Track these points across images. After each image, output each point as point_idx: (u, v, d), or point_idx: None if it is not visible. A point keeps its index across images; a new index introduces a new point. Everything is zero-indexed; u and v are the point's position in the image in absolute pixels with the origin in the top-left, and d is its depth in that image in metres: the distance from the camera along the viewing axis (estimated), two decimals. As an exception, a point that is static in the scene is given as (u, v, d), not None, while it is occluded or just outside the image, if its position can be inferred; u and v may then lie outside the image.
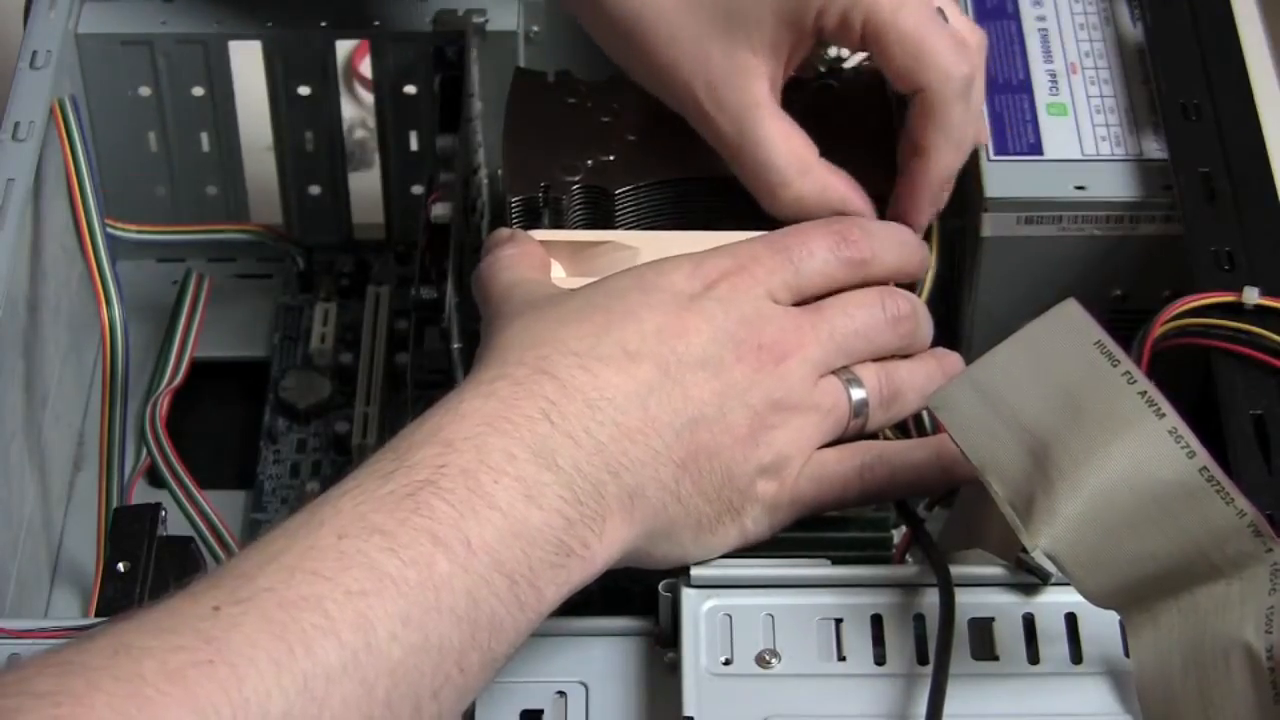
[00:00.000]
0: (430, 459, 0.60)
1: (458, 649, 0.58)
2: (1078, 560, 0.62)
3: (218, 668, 0.54)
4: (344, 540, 0.57)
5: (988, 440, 0.63)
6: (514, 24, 0.91)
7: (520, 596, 0.60)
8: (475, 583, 0.58)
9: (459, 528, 0.58)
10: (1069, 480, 0.62)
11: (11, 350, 0.79)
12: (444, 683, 0.58)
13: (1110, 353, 0.63)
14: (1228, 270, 0.74)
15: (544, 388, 0.62)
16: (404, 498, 0.59)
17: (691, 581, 0.66)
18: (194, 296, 0.93)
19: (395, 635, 0.56)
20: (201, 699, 0.53)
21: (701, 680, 0.63)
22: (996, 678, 0.64)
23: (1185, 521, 0.61)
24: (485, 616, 0.59)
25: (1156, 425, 0.62)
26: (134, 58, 0.91)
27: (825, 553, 0.68)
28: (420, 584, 0.57)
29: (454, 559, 0.58)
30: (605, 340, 0.64)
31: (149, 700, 0.53)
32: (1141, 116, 0.82)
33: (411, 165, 0.95)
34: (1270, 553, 0.61)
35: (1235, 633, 0.61)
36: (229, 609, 0.55)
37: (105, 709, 0.52)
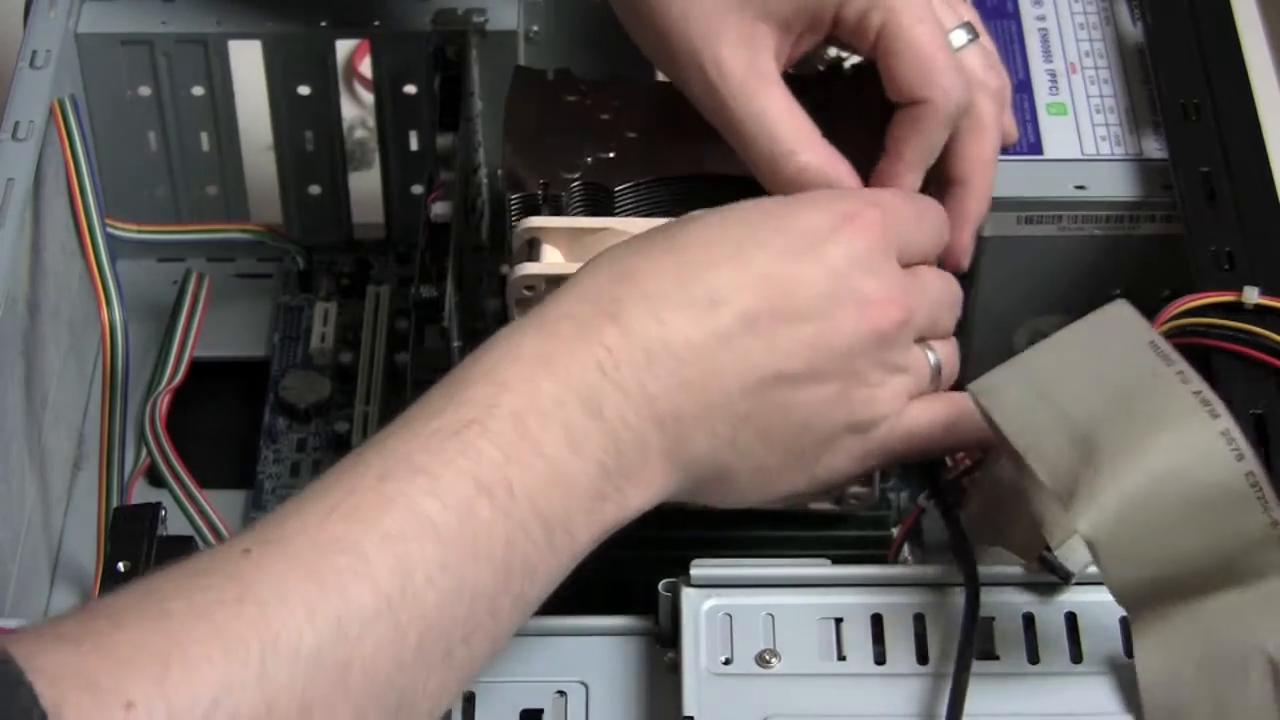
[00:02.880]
0: (481, 398, 0.59)
1: (491, 594, 0.58)
2: (1113, 549, 0.62)
3: (246, 605, 0.53)
4: (386, 482, 0.57)
5: (1032, 426, 0.63)
6: (514, 23, 0.91)
7: (555, 543, 0.59)
8: (513, 529, 0.58)
9: (503, 473, 0.58)
10: (1114, 470, 0.62)
11: (11, 350, 0.79)
12: (476, 628, 0.58)
13: (1165, 353, 0.63)
14: (1228, 270, 0.74)
15: (605, 334, 0.61)
16: (450, 436, 0.58)
17: (691, 581, 0.66)
18: (194, 296, 0.93)
19: (432, 580, 0.56)
20: (229, 634, 0.53)
21: (701, 680, 0.63)
22: (996, 677, 0.64)
23: (1222, 525, 0.61)
24: (520, 562, 0.58)
25: (1210, 425, 0.62)
26: (134, 57, 0.91)
27: (825, 552, 0.68)
28: (460, 530, 0.57)
29: (495, 505, 0.58)
30: (691, 283, 0.62)
31: (174, 636, 0.52)
32: (1141, 116, 0.82)
33: (411, 165, 0.95)
34: None
35: (1254, 642, 0.61)
36: (260, 550, 0.55)
37: (127, 646, 0.52)
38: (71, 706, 0.50)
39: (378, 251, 0.98)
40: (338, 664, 0.54)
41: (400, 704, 0.56)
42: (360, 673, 0.55)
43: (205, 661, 0.52)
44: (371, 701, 0.55)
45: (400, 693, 0.56)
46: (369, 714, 0.55)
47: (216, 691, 0.52)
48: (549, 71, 0.78)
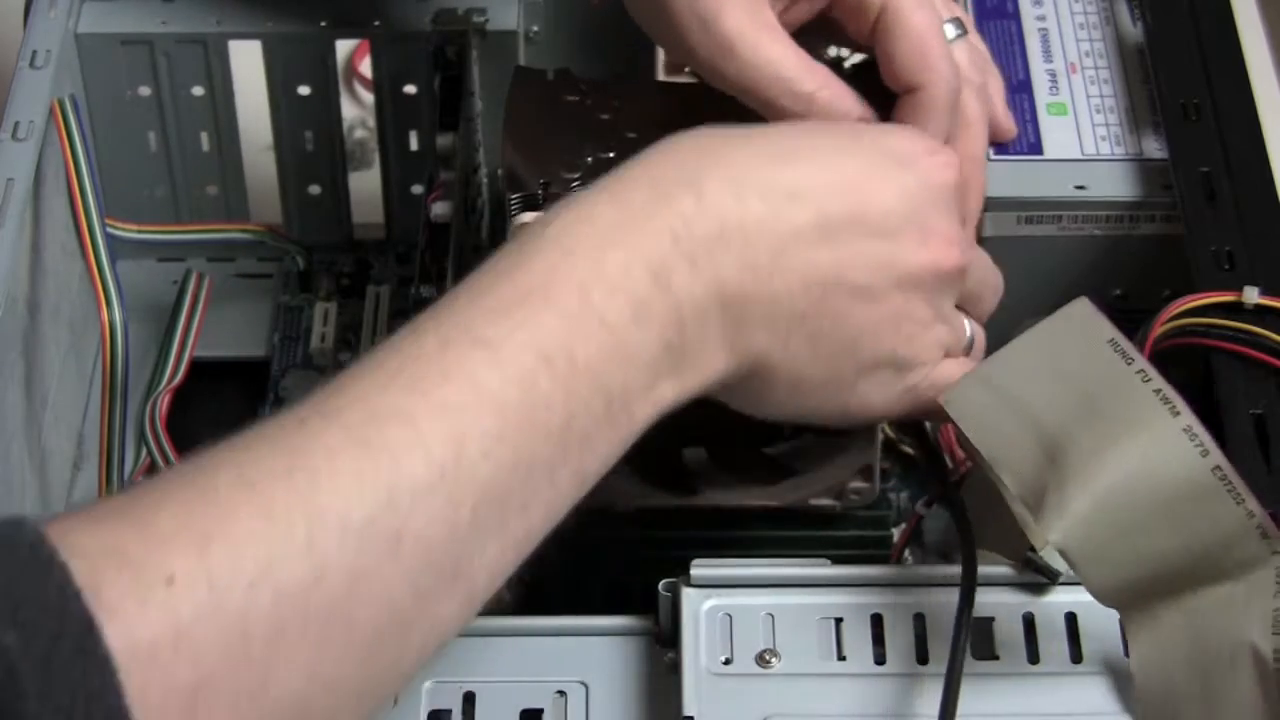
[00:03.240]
0: (547, 265, 0.58)
1: (549, 465, 0.57)
2: (1087, 555, 0.62)
3: (295, 475, 0.53)
4: (446, 351, 0.56)
5: (999, 435, 0.63)
6: (514, 23, 0.91)
7: (614, 417, 0.59)
8: (573, 402, 0.57)
9: (565, 344, 0.57)
10: (1081, 475, 0.62)
11: (11, 350, 0.79)
12: (533, 497, 0.57)
13: (1124, 351, 0.63)
14: (1228, 270, 0.74)
15: (681, 203, 0.60)
16: (513, 305, 0.57)
17: (691, 581, 0.66)
18: (194, 296, 0.93)
19: (487, 453, 0.55)
20: (275, 505, 0.52)
21: (701, 680, 0.63)
22: (996, 677, 0.64)
23: (1195, 521, 0.61)
24: (578, 435, 0.58)
25: (1171, 423, 0.62)
26: (134, 57, 0.91)
27: (825, 552, 0.68)
28: (519, 402, 0.56)
29: (556, 377, 0.57)
30: (774, 172, 0.62)
31: (217, 510, 0.52)
32: (1141, 116, 0.82)
33: (411, 165, 0.95)
34: (1276, 555, 0.61)
35: (1241, 635, 0.61)
36: (314, 421, 0.54)
37: (170, 524, 0.51)
38: (110, 585, 0.49)
39: (378, 251, 0.98)
40: (389, 534, 0.53)
41: (457, 572, 0.55)
42: (412, 542, 0.54)
43: (249, 535, 0.51)
44: (426, 570, 0.54)
45: (456, 561, 0.55)
46: (423, 582, 0.54)
47: (261, 564, 0.51)
48: (549, 71, 0.78)
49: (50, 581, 0.49)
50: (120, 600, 0.49)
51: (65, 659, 0.48)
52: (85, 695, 0.48)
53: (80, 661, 0.48)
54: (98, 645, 0.48)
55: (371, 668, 0.54)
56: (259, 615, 0.51)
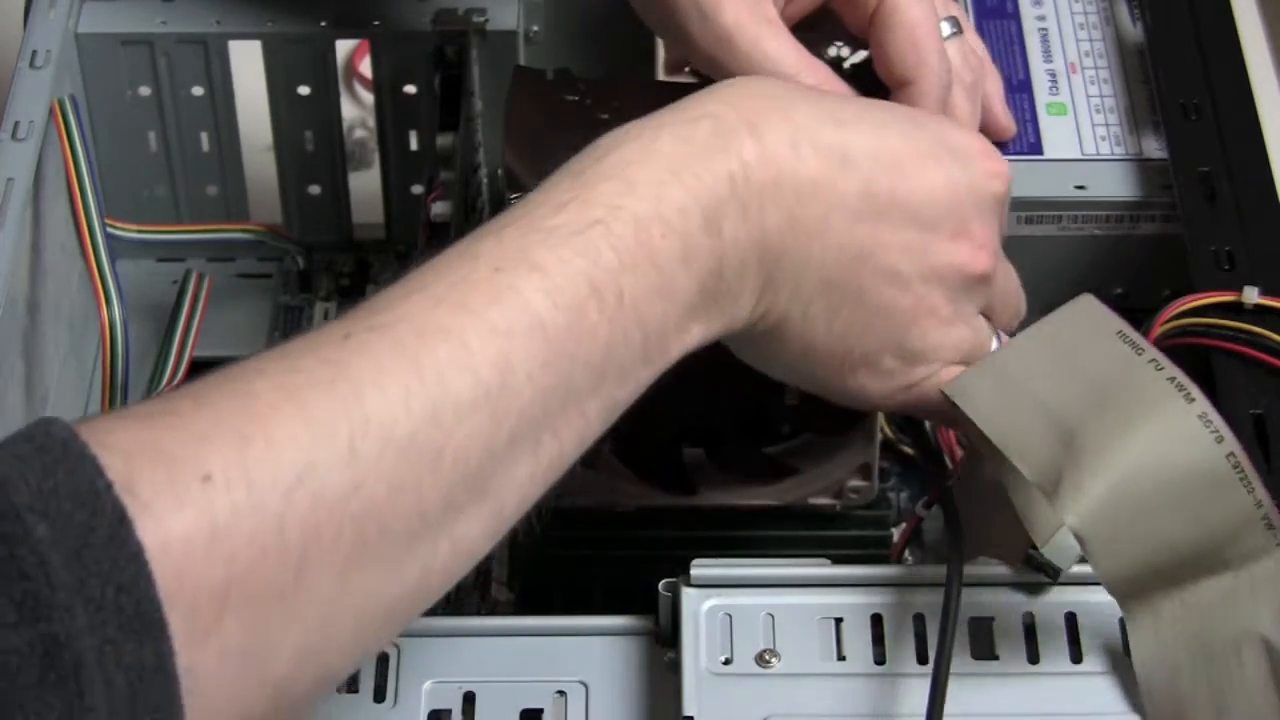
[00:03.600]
0: (608, 196, 0.59)
1: (584, 394, 0.58)
2: (1101, 540, 0.62)
3: (338, 386, 0.53)
4: (499, 274, 0.56)
5: (1010, 422, 0.63)
6: (514, 23, 0.91)
7: (649, 352, 0.59)
8: (616, 335, 0.58)
9: (617, 279, 0.58)
10: (1096, 460, 0.62)
11: (11, 350, 0.79)
12: (566, 424, 0.57)
13: (1134, 341, 0.63)
14: (1228, 270, 0.74)
15: (743, 146, 0.61)
16: (571, 234, 0.58)
17: (691, 581, 0.66)
18: (194, 296, 0.93)
19: (531, 376, 0.56)
20: (317, 414, 0.52)
21: (701, 680, 0.63)
22: (996, 677, 0.64)
23: (1206, 510, 0.61)
24: (615, 367, 0.58)
25: (1186, 409, 0.62)
26: (134, 57, 0.91)
27: (825, 552, 0.68)
28: (567, 330, 0.56)
29: (604, 309, 0.57)
30: (835, 133, 0.62)
31: (258, 413, 0.52)
32: (1141, 116, 0.82)
33: (411, 165, 0.95)
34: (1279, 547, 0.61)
35: (1249, 626, 0.61)
36: (361, 335, 0.54)
37: (208, 423, 0.51)
38: (145, 480, 0.49)
39: (378, 251, 0.98)
40: (431, 449, 0.54)
41: (489, 490, 0.56)
42: (452, 459, 0.54)
43: (290, 439, 0.51)
44: (461, 486, 0.55)
45: (490, 479, 0.56)
46: (458, 498, 0.55)
47: (300, 468, 0.51)
48: (549, 71, 0.78)
49: (82, 474, 0.48)
50: (155, 495, 0.49)
51: (97, 550, 0.48)
52: (116, 586, 0.48)
53: (111, 553, 0.48)
54: (130, 537, 0.48)
55: (400, 578, 0.54)
56: (295, 518, 0.51)
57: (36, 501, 0.48)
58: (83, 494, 0.48)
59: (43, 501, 0.48)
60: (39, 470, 0.48)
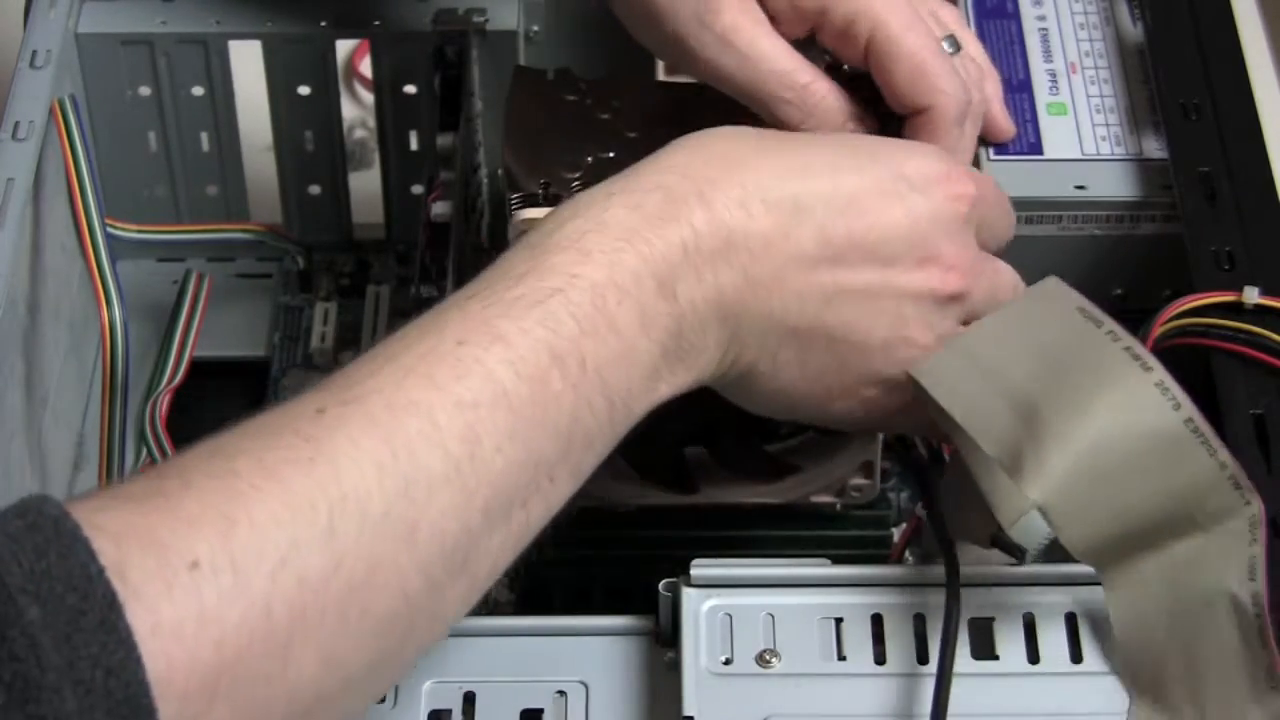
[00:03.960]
0: (565, 265, 0.59)
1: (552, 463, 0.58)
2: (1067, 512, 0.62)
3: (317, 465, 0.54)
4: (463, 346, 0.57)
5: (974, 403, 0.64)
6: (514, 23, 0.91)
7: (615, 416, 0.60)
8: (580, 403, 0.59)
9: (578, 345, 0.58)
10: (1057, 433, 0.62)
11: (11, 350, 0.79)
12: (535, 493, 0.58)
13: (1093, 316, 0.64)
14: (1228, 270, 0.74)
15: (693, 214, 0.61)
16: (532, 305, 0.58)
17: (691, 581, 0.66)
18: (194, 296, 0.93)
19: (500, 448, 0.57)
20: (297, 494, 0.53)
21: (701, 680, 0.63)
22: (996, 677, 0.64)
23: (1170, 474, 0.62)
24: (581, 433, 0.59)
25: (1143, 377, 0.62)
26: (134, 57, 0.91)
27: (825, 552, 0.68)
28: (531, 400, 0.57)
29: (567, 377, 0.58)
30: (785, 184, 0.63)
31: (240, 494, 0.52)
32: (1141, 116, 0.82)
33: (411, 165, 0.95)
34: (1249, 505, 0.61)
35: (1218, 584, 0.61)
36: (335, 409, 0.55)
37: (194, 504, 0.52)
38: (135, 566, 0.50)
39: (378, 251, 0.98)
40: (405, 525, 0.54)
41: (465, 562, 0.57)
42: (427, 533, 0.55)
43: (273, 521, 0.52)
44: (438, 560, 0.56)
45: (466, 552, 0.56)
46: (435, 572, 0.56)
47: (284, 550, 0.52)
48: (549, 71, 0.78)
49: (74, 558, 0.49)
50: (145, 582, 0.50)
51: (87, 634, 0.48)
52: (106, 670, 0.48)
53: (101, 637, 0.48)
54: (120, 622, 0.49)
55: (382, 653, 0.55)
56: (281, 600, 0.52)
57: (29, 583, 0.48)
58: (75, 577, 0.49)
59: (34, 583, 0.48)
60: (31, 551, 0.49)
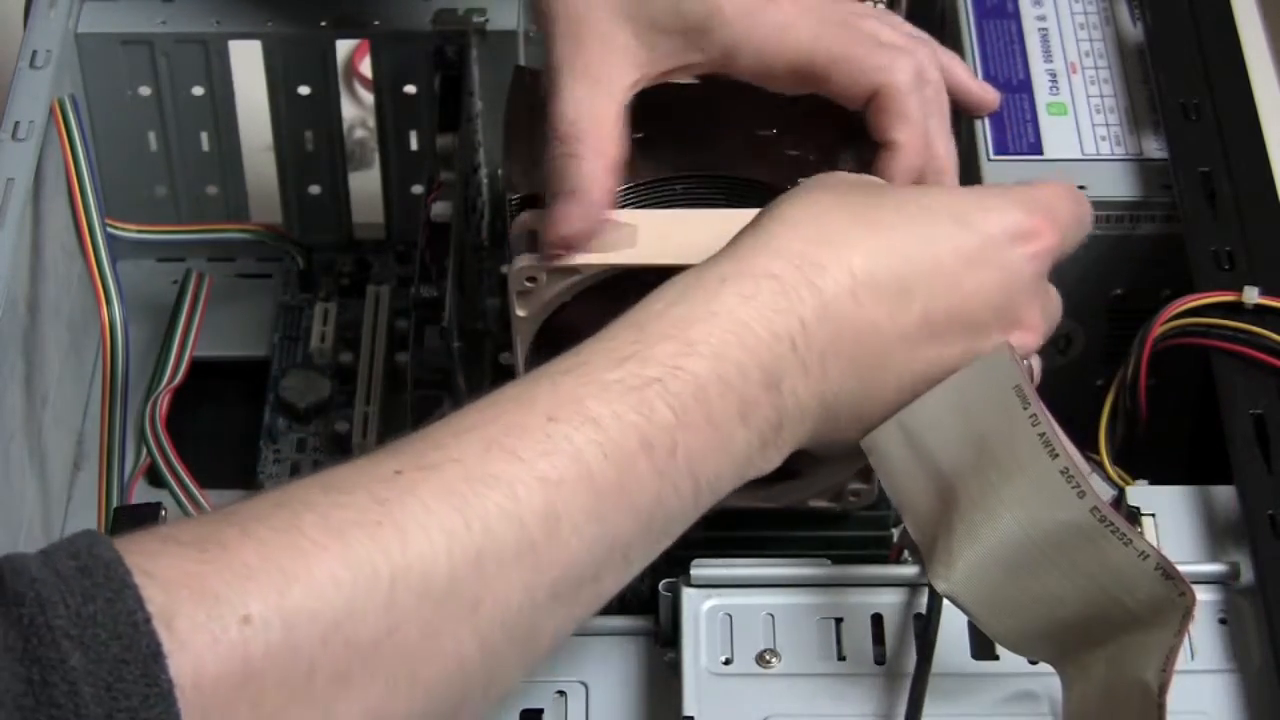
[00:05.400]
0: (668, 356, 0.58)
1: (629, 542, 0.57)
2: (980, 603, 0.62)
3: (384, 529, 0.52)
4: (553, 424, 0.56)
5: (907, 482, 0.63)
6: (514, 23, 0.91)
7: (700, 499, 0.59)
8: (665, 487, 0.58)
9: (671, 435, 0.57)
10: (966, 523, 0.62)
11: (11, 350, 0.79)
12: (608, 570, 0.57)
13: (1024, 396, 0.62)
14: (1228, 270, 0.74)
15: (805, 305, 0.60)
16: (628, 391, 0.57)
17: (691, 581, 0.66)
18: (194, 296, 0.93)
19: (578, 529, 0.55)
20: (359, 555, 0.52)
21: (701, 680, 0.63)
22: (996, 677, 0.64)
23: (1084, 563, 0.61)
24: (663, 514, 0.58)
25: (1049, 465, 0.61)
26: (134, 57, 0.91)
27: (825, 552, 0.68)
28: (617, 483, 0.56)
29: (654, 462, 0.57)
30: (890, 267, 0.62)
31: (301, 551, 0.51)
32: (1141, 116, 0.82)
33: (411, 165, 0.95)
34: (1183, 597, 0.60)
35: (1141, 675, 0.60)
36: (411, 474, 0.54)
37: (253, 556, 0.51)
38: (184, 616, 0.49)
39: (378, 251, 0.98)
40: (470, 598, 0.54)
41: (529, 635, 0.56)
42: (491, 607, 0.54)
43: (332, 582, 0.51)
44: (500, 632, 0.55)
45: (530, 625, 0.56)
46: (497, 645, 0.55)
47: (339, 614, 0.51)
48: (549, 71, 0.78)
49: (122, 605, 0.49)
50: (193, 633, 0.49)
51: (129, 685, 0.48)
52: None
53: (143, 689, 0.48)
54: (162, 675, 0.48)
55: (431, 715, 0.54)
56: (328, 661, 0.51)
57: (73, 627, 0.48)
58: (121, 625, 0.48)
59: (79, 628, 0.48)
60: (79, 594, 0.48)
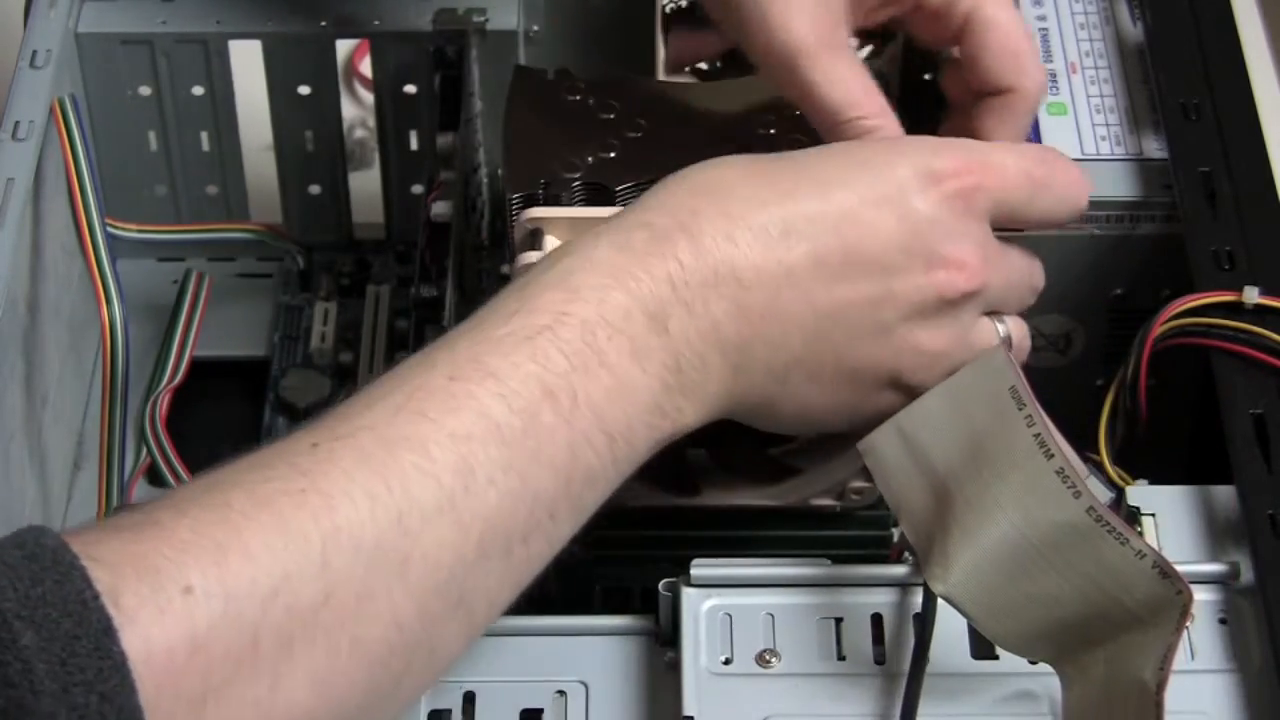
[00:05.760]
0: (553, 304, 0.60)
1: (551, 497, 0.58)
2: (978, 604, 0.62)
3: (310, 496, 0.54)
4: (455, 382, 0.58)
5: (903, 484, 0.63)
6: (514, 23, 0.91)
7: (616, 453, 0.60)
8: (576, 437, 0.59)
9: (569, 381, 0.59)
10: (962, 525, 0.62)
11: (11, 350, 0.79)
12: (535, 529, 0.58)
13: (1020, 397, 0.62)
14: (1228, 270, 0.74)
15: (678, 247, 0.61)
16: (521, 341, 0.59)
17: (691, 581, 0.66)
18: (194, 296, 0.93)
19: (494, 481, 0.57)
20: (290, 524, 0.53)
21: (701, 680, 0.63)
22: (996, 677, 0.64)
23: (1080, 563, 0.61)
24: (581, 469, 0.59)
25: (1044, 466, 0.61)
26: (134, 57, 0.91)
27: (825, 552, 0.68)
28: (524, 432, 0.58)
29: (559, 412, 0.58)
30: (770, 209, 0.62)
31: (233, 524, 0.53)
32: (1141, 116, 0.82)
33: (411, 165, 0.95)
34: (1180, 595, 0.60)
35: (1140, 674, 0.59)
36: (327, 444, 0.56)
37: (188, 532, 0.52)
38: (129, 590, 0.50)
39: (377, 251, 0.98)
40: (397, 556, 0.55)
41: (461, 598, 0.57)
42: (420, 566, 0.55)
43: (266, 550, 0.53)
44: (433, 595, 0.56)
45: (461, 587, 0.57)
46: (431, 606, 0.56)
47: (276, 580, 0.53)
48: (549, 71, 0.78)
49: (70, 584, 0.49)
50: (139, 607, 0.50)
51: (82, 659, 0.49)
52: (100, 695, 0.49)
53: (96, 662, 0.49)
54: (114, 648, 0.49)
55: (376, 686, 0.55)
56: (270, 628, 0.52)
57: (24, 609, 0.49)
58: (70, 603, 0.49)
59: (29, 609, 0.49)
60: (27, 578, 0.49)
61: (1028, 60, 0.70)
